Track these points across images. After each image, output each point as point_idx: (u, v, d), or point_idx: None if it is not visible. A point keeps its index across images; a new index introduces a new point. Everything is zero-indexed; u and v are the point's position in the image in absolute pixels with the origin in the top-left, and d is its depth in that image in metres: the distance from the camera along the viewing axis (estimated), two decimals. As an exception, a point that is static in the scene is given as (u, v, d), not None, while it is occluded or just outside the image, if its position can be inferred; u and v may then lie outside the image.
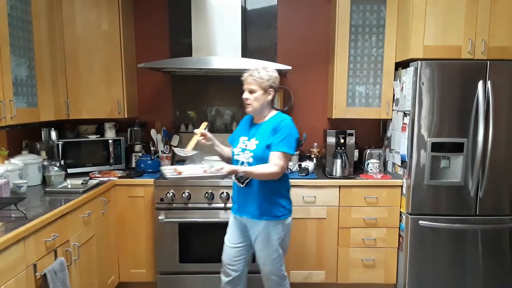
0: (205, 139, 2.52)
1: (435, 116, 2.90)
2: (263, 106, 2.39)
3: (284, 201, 2.43)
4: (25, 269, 1.93)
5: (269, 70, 2.37)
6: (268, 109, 2.43)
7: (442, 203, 2.96)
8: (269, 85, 2.34)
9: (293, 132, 2.34)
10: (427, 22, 2.92)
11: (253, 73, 2.36)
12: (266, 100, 2.37)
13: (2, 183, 2.39)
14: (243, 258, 2.55)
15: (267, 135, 2.33)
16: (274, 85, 2.37)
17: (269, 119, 2.40)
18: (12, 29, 2.42)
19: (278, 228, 2.39)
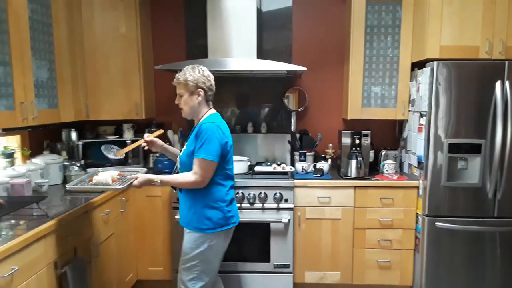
0: (150, 146, 2.45)
1: (452, 116, 2.87)
2: (194, 108, 2.27)
3: (212, 213, 2.24)
4: (46, 266, 1.98)
5: (196, 70, 2.24)
6: (202, 111, 2.30)
7: (459, 204, 2.93)
8: (195, 85, 2.22)
9: (212, 136, 2.15)
10: (443, 22, 2.89)
11: (179, 76, 2.26)
12: (196, 102, 2.25)
13: (25, 182, 2.46)
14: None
15: (192, 140, 2.24)
16: (202, 85, 2.23)
17: (199, 123, 2.26)
18: (33, 32, 2.48)
19: (200, 240, 2.25)
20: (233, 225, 2.34)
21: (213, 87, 2.30)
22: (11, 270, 1.69)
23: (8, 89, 2.23)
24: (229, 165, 2.31)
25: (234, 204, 2.39)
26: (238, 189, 3.04)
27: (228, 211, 2.29)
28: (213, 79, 2.30)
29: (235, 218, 2.36)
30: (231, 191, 2.35)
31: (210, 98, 2.32)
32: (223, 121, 2.33)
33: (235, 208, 2.38)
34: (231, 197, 2.35)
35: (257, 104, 3.77)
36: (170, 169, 3.35)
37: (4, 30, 2.20)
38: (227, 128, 2.34)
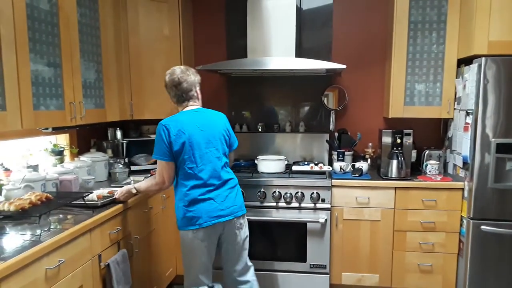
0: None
1: (501, 115, 2.73)
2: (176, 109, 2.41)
3: (177, 212, 2.33)
4: (91, 259, 2.08)
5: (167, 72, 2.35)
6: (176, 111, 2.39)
7: (507, 208, 2.78)
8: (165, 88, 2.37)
9: (157, 136, 2.23)
10: (492, 16, 2.75)
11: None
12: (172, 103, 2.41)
13: (73, 179, 2.60)
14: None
15: None
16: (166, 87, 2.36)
17: None
18: (82, 35, 2.61)
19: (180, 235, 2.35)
20: (198, 226, 2.23)
21: (174, 82, 2.28)
22: (58, 262, 1.79)
23: (58, 90, 2.36)
24: (190, 163, 2.23)
25: (203, 205, 2.24)
26: (275, 188, 3.05)
27: (187, 211, 2.24)
28: (175, 73, 2.28)
29: (201, 219, 2.23)
30: (194, 191, 2.24)
31: (180, 99, 2.33)
32: (184, 119, 2.26)
33: (201, 209, 2.23)
34: (192, 197, 2.24)
35: (296, 103, 3.76)
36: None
37: (55, 33, 2.32)
38: (188, 124, 2.24)
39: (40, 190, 2.34)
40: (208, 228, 2.26)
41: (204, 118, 2.31)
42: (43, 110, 2.22)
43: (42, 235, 1.81)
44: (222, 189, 2.31)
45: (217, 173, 2.29)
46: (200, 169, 2.25)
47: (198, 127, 2.27)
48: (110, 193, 2.51)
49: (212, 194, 2.27)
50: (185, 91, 2.31)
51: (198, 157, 2.24)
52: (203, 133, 2.27)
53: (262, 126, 3.75)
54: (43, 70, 2.22)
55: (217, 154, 2.31)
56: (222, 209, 2.28)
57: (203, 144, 2.26)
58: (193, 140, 2.23)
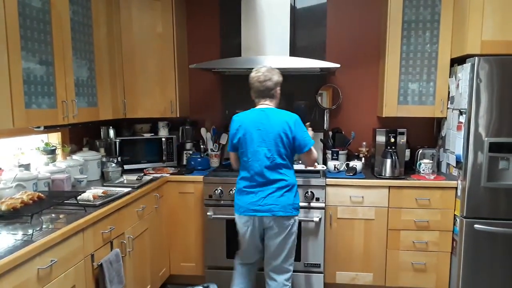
0: None
1: (493, 114, 2.75)
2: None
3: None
4: (84, 258, 2.06)
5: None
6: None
7: (500, 206, 2.80)
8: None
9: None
10: (485, 16, 2.77)
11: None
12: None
13: (65, 178, 2.57)
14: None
15: None
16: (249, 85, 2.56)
17: None
18: (74, 33, 2.58)
19: None
20: (239, 213, 2.50)
21: (252, 85, 2.50)
22: (51, 262, 1.77)
23: (50, 88, 2.33)
24: (244, 157, 2.48)
25: (245, 196, 2.47)
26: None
27: (236, 198, 2.54)
28: (253, 77, 2.50)
29: (242, 208, 2.48)
30: (241, 182, 2.51)
31: (256, 95, 2.53)
32: (245, 116, 2.50)
33: (243, 199, 2.48)
34: (239, 187, 2.52)
35: (290, 102, 3.74)
36: (203, 167, 3.42)
37: (48, 31, 2.30)
38: (248, 123, 2.46)
39: (32, 189, 2.32)
40: (247, 218, 2.48)
41: (264, 118, 2.44)
42: (35, 109, 2.20)
43: (34, 234, 1.79)
44: (266, 187, 2.44)
45: (262, 172, 2.43)
46: (250, 164, 2.46)
47: (256, 125, 2.44)
48: (104, 193, 2.49)
49: (255, 189, 2.46)
50: (258, 90, 2.49)
51: (250, 153, 2.45)
52: (259, 132, 2.43)
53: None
54: (35, 68, 2.20)
55: (268, 154, 2.42)
56: (260, 205, 2.43)
57: (256, 142, 2.43)
58: (248, 137, 2.44)
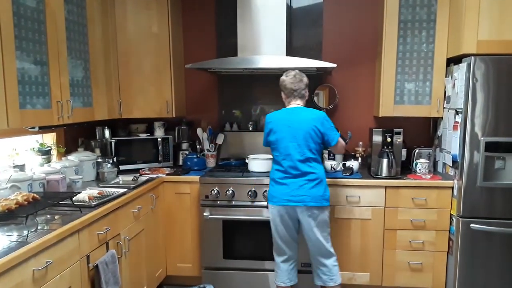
0: None
1: (489, 114, 2.75)
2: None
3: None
4: (79, 260, 2.05)
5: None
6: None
7: (497, 206, 2.81)
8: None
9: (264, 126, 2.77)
10: (481, 15, 2.78)
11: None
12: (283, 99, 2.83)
13: (60, 178, 2.55)
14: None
15: None
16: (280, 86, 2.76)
17: None
18: (69, 33, 2.56)
19: None
20: (273, 203, 2.67)
21: (284, 87, 2.72)
22: (46, 263, 1.76)
23: (45, 88, 2.32)
24: (275, 152, 2.69)
25: (279, 187, 2.64)
26: (266, 187, 3.02)
27: (270, 189, 2.71)
28: (285, 80, 2.71)
29: (276, 199, 2.65)
30: (276, 173, 2.67)
31: (289, 95, 2.72)
32: (278, 115, 2.69)
33: (277, 190, 2.65)
34: (275, 178, 2.67)
35: (287, 102, 3.75)
36: (199, 167, 3.41)
37: (42, 31, 2.28)
38: (280, 121, 2.66)
39: (26, 190, 2.29)
40: (280, 207, 2.64)
41: (294, 116, 2.65)
42: (30, 109, 2.18)
43: (29, 236, 1.77)
44: (299, 179, 2.61)
45: (295, 165, 2.61)
46: (282, 158, 2.64)
47: (287, 123, 2.63)
48: (100, 194, 2.47)
49: (287, 180, 2.62)
50: (292, 90, 2.70)
51: (282, 148, 2.64)
52: (290, 129, 2.62)
53: (253, 125, 3.73)
54: (30, 68, 2.18)
55: (299, 149, 2.61)
56: (293, 195, 2.61)
57: (288, 138, 2.62)
58: (280, 134, 2.64)
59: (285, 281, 2.80)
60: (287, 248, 2.76)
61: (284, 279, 2.80)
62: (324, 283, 2.78)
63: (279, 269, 2.81)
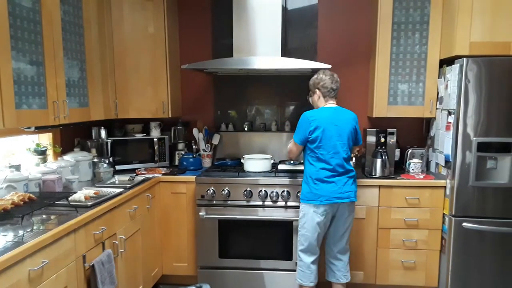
0: None
1: (481, 114, 2.79)
2: (314, 103, 2.86)
3: (304, 186, 2.74)
4: (75, 259, 2.06)
5: (315, 76, 2.80)
6: (319, 105, 2.79)
7: (488, 205, 2.85)
8: (312, 87, 2.80)
9: (299, 124, 2.72)
10: (474, 17, 2.81)
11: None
12: (315, 98, 2.81)
13: (56, 179, 2.56)
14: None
15: None
16: (317, 86, 2.76)
17: None
18: (65, 33, 2.57)
19: (300, 208, 2.78)
20: (320, 202, 2.64)
21: (324, 85, 2.73)
22: (42, 263, 1.77)
23: (41, 89, 2.32)
24: (321, 150, 2.66)
25: (327, 185, 2.64)
26: (261, 187, 3.06)
27: (314, 188, 2.66)
28: (325, 79, 2.72)
29: (324, 197, 2.64)
30: (322, 172, 2.65)
31: (327, 95, 2.73)
32: (322, 114, 2.68)
33: (325, 189, 2.64)
34: (321, 178, 2.65)
35: (282, 102, 3.78)
36: (195, 167, 3.42)
37: (38, 31, 2.28)
38: (326, 120, 2.65)
39: (22, 190, 2.30)
40: (327, 206, 2.65)
41: (339, 116, 2.70)
42: (26, 109, 2.19)
43: (25, 236, 1.78)
44: (344, 177, 2.68)
45: (341, 163, 2.67)
46: (330, 156, 2.65)
47: (334, 122, 2.66)
48: (96, 193, 2.49)
49: (335, 178, 2.66)
50: (331, 90, 2.73)
51: (329, 147, 2.65)
52: (336, 128, 2.66)
53: (248, 125, 3.76)
54: (26, 68, 2.19)
55: (344, 148, 2.68)
56: (341, 192, 2.66)
57: (335, 137, 2.65)
58: (327, 133, 2.64)
59: (313, 281, 2.79)
60: (318, 248, 2.78)
61: (313, 279, 2.79)
62: (338, 280, 2.85)
63: (308, 270, 2.77)
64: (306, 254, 2.77)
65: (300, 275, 2.80)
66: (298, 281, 2.81)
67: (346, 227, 2.78)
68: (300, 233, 2.76)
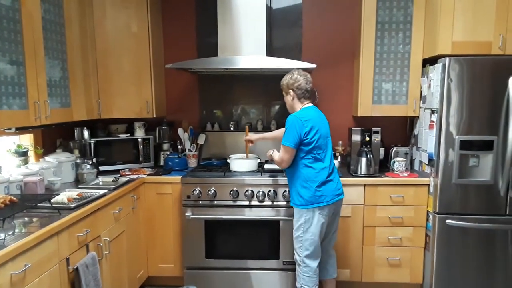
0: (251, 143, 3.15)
1: (464, 113, 2.84)
2: (290, 105, 2.76)
3: (304, 191, 2.63)
4: (58, 263, 2.02)
5: (289, 75, 2.72)
6: (297, 107, 2.72)
7: (471, 202, 2.90)
8: (286, 87, 2.72)
9: (292, 127, 2.58)
10: (455, 17, 2.86)
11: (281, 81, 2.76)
12: (289, 100, 2.73)
13: (38, 180, 2.51)
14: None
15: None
16: (291, 87, 2.68)
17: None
18: (46, 32, 2.52)
19: (297, 214, 2.70)
20: (325, 203, 2.61)
21: (299, 86, 2.66)
22: (24, 266, 1.73)
23: (21, 89, 2.28)
24: (318, 150, 2.62)
25: (328, 185, 2.63)
26: (248, 187, 3.05)
27: (318, 191, 2.60)
28: (301, 80, 2.66)
29: (327, 197, 2.62)
30: (324, 172, 2.62)
31: (302, 96, 2.69)
32: (311, 114, 2.63)
33: (328, 189, 2.62)
34: (324, 179, 2.61)
35: (267, 102, 3.78)
36: (181, 167, 3.39)
37: (18, 30, 2.24)
38: (316, 119, 2.62)
39: (3, 193, 2.25)
40: (331, 205, 2.65)
41: (321, 114, 2.74)
42: (6, 110, 2.15)
43: (6, 239, 1.75)
44: (335, 173, 2.72)
45: (332, 160, 2.72)
46: (325, 155, 2.66)
47: (321, 121, 2.68)
48: (79, 195, 2.44)
49: (332, 176, 2.67)
50: (307, 91, 2.70)
51: (324, 145, 2.65)
52: (324, 126, 2.68)
53: (234, 125, 3.74)
54: (5, 68, 2.14)
55: (330, 144, 2.73)
56: (338, 189, 2.71)
57: (325, 134, 2.67)
58: (321, 131, 2.63)
59: (317, 284, 2.74)
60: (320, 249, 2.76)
61: (317, 282, 2.74)
62: (331, 276, 2.90)
63: (315, 274, 2.71)
64: (311, 258, 2.69)
65: (305, 281, 2.71)
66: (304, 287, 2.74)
67: (338, 223, 2.83)
68: (302, 239, 2.66)
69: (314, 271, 2.71)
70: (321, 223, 2.63)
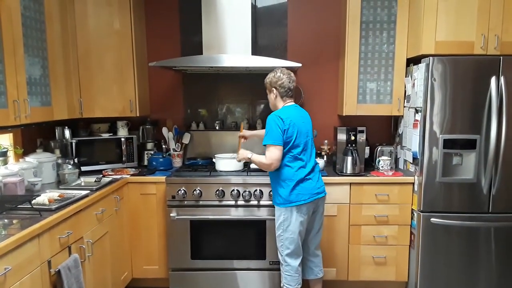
0: (245, 139, 3.06)
1: (447, 112, 2.87)
2: (272, 104, 2.77)
3: (282, 190, 2.64)
4: (40, 265, 1.97)
5: (272, 73, 2.72)
6: (279, 105, 2.72)
7: (455, 200, 2.94)
8: (269, 85, 2.71)
9: (272, 124, 2.57)
10: (439, 17, 2.89)
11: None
12: (271, 99, 2.75)
13: (17, 181, 2.43)
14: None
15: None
16: (274, 85, 2.68)
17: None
18: (26, 29, 2.45)
19: (277, 212, 2.72)
20: (303, 202, 2.61)
21: (282, 84, 2.66)
22: (4, 270, 1.68)
23: (0, 87, 2.21)
24: (297, 149, 2.61)
25: (306, 183, 2.62)
26: (233, 186, 3.03)
27: (295, 189, 2.60)
28: (283, 79, 2.65)
29: (305, 196, 2.61)
30: (301, 171, 2.61)
31: (285, 94, 2.68)
32: (291, 112, 2.62)
33: (305, 187, 2.61)
34: (301, 177, 2.60)
35: (253, 101, 3.76)
36: (165, 167, 3.35)
37: (-4, 27, 2.17)
38: (296, 117, 2.62)
39: (-19, 194, 2.18)
40: (309, 204, 2.64)
41: (302, 113, 2.73)
42: (-16, 108, 2.07)
43: (-15, 242, 1.68)
44: (315, 172, 2.70)
45: (311, 158, 2.70)
46: (303, 154, 2.64)
47: (301, 120, 2.66)
48: (60, 196, 2.38)
49: (311, 175, 2.66)
50: (290, 89, 2.69)
51: (302, 144, 2.63)
52: (304, 124, 2.67)
53: (219, 123, 3.72)
54: (-17, 65, 2.07)
55: (312, 143, 2.74)
56: (318, 187, 2.69)
57: (304, 133, 2.65)
58: (300, 129, 2.62)
59: (300, 283, 2.75)
60: (301, 248, 2.75)
61: (300, 281, 2.75)
62: (316, 275, 2.89)
63: (297, 272, 2.72)
64: (293, 257, 2.70)
65: (288, 280, 2.72)
66: (286, 287, 2.74)
67: (321, 222, 2.82)
68: (283, 237, 2.68)
69: (296, 270, 2.72)
70: (299, 221, 2.63)
